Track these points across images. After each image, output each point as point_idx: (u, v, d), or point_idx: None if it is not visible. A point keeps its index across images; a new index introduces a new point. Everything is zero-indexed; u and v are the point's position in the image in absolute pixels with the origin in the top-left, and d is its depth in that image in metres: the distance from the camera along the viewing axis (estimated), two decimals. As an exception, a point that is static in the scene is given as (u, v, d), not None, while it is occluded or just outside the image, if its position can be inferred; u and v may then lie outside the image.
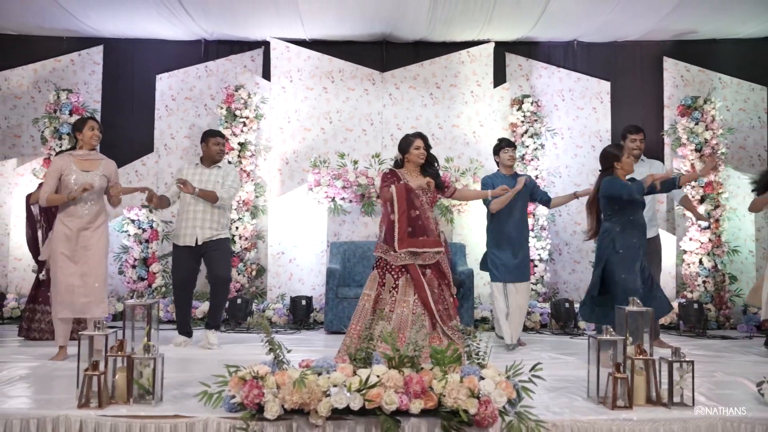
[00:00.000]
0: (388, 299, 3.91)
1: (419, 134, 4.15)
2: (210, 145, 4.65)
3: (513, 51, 6.53)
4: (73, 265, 3.91)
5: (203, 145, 4.70)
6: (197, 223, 4.52)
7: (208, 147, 4.66)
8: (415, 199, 3.96)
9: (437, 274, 3.98)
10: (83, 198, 3.91)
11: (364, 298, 3.95)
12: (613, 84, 6.47)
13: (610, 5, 5.59)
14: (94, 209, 3.97)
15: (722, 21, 5.94)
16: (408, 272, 3.92)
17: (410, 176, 4.07)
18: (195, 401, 2.82)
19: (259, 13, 5.80)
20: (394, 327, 3.78)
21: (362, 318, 3.86)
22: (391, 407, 2.52)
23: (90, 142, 4.01)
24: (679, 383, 2.90)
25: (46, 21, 6.04)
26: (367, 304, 3.91)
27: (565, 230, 6.40)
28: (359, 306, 3.95)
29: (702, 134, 5.97)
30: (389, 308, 3.89)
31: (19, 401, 2.95)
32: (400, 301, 3.89)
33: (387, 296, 3.92)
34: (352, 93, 6.39)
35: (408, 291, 3.92)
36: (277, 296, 6.04)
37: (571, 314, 5.55)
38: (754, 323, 5.58)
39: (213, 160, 4.66)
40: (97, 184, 3.95)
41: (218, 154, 4.66)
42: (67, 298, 3.89)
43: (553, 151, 6.42)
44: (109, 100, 6.46)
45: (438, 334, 3.87)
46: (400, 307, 3.86)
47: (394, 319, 3.84)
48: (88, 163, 3.99)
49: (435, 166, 4.17)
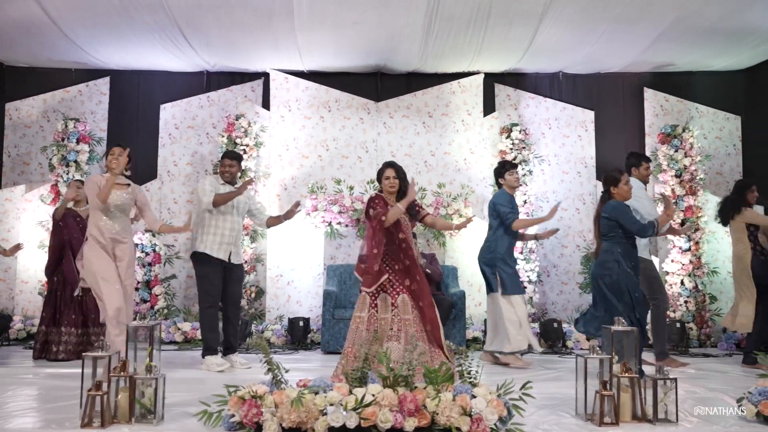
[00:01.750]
0: (390, 318, 4.01)
1: (390, 164, 4.23)
2: (225, 166, 4.74)
3: (502, 82, 6.85)
4: (116, 276, 4.22)
5: (219, 166, 4.83)
6: (232, 240, 4.67)
7: (223, 167, 4.75)
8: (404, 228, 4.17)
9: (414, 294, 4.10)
10: (115, 214, 4.29)
11: (356, 320, 4.05)
12: (597, 113, 6.78)
13: (593, 39, 5.91)
14: (125, 226, 4.37)
15: (698, 54, 6.28)
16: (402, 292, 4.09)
17: (391, 202, 4.18)
18: (195, 420, 2.90)
19: (260, 45, 6.09)
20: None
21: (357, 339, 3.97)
22: (386, 425, 2.56)
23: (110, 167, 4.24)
24: (663, 400, 3.03)
25: (55, 54, 6.32)
26: (361, 326, 4.01)
27: (552, 252, 6.64)
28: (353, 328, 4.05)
29: (681, 161, 6.26)
30: (397, 327, 3.99)
31: (24, 420, 3.04)
32: (404, 320, 4.00)
33: (388, 315, 4.02)
34: (348, 122, 6.66)
35: (406, 309, 4.03)
36: (275, 317, 6.22)
37: (559, 333, 5.76)
38: (733, 341, 5.81)
39: (232, 181, 4.77)
40: (128, 204, 4.36)
41: (231, 176, 4.75)
42: (121, 301, 4.15)
43: (541, 177, 6.70)
44: (115, 128, 6.72)
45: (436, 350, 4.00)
46: (404, 326, 3.99)
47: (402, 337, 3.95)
48: (118, 186, 4.31)
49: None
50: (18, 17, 5.44)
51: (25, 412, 3.23)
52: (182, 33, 5.76)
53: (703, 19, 5.44)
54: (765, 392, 3.07)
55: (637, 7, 5.26)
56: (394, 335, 3.95)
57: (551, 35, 5.80)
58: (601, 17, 5.45)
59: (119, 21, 5.51)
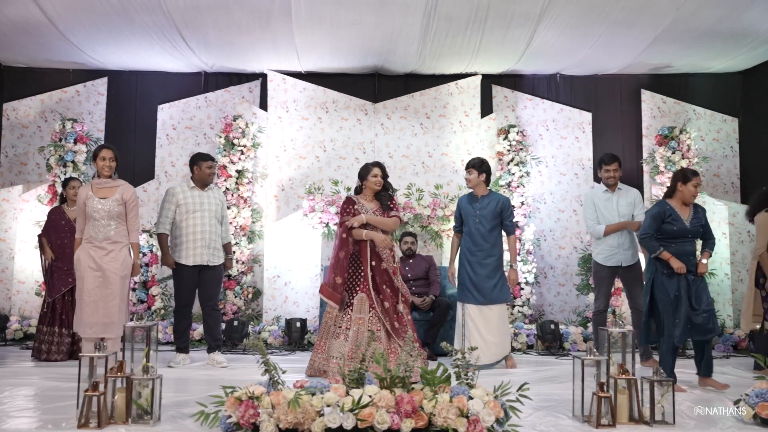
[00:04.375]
0: (345, 318, 4.34)
1: (377, 163, 4.57)
2: (203, 168, 4.81)
3: (499, 83, 6.85)
4: (96, 288, 4.09)
5: (195, 168, 4.84)
6: (204, 243, 4.74)
7: (201, 170, 4.82)
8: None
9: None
10: (101, 223, 4.15)
11: (357, 321, 4.27)
12: (594, 115, 6.79)
13: (590, 41, 5.92)
14: (111, 233, 4.17)
15: (695, 56, 6.29)
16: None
17: (365, 200, 4.54)
18: (192, 421, 2.92)
19: (257, 46, 6.09)
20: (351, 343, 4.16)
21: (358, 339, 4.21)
22: (383, 426, 2.57)
23: (102, 172, 4.24)
24: (660, 402, 3.04)
25: (53, 54, 6.31)
26: (362, 327, 4.25)
27: (550, 254, 6.65)
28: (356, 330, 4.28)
29: (679, 163, 6.27)
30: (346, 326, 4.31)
31: (21, 421, 3.04)
32: (356, 319, 4.26)
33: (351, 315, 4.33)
34: (346, 123, 6.67)
35: (363, 308, 4.30)
36: (272, 318, 6.22)
37: (556, 335, 5.76)
38: (730, 343, 5.82)
39: (205, 183, 4.86)
40: (114, 210, 4.18)
41: (210, 177, 4.85)
42: (92, 319, 4.06)
43: (538, 179, 6.71)
44: (113, 129, 6.72)
45: (394, 347, 4.22)
46: (356, 324, 4.25)
47: (351, 336, 4.20)
48: (104, 191, 4.22)
49: (389, 192, 4.59)
50: (16, 18, 5.44)
51: (22, 412, 3.24)
52: (180, 34, 5.76)
53: (700, 22, 5.45)
54: (762, 394, 3.08)
55: (634, 10, 5.27)
56: (342, 333, 4.26)
57: (549, 37, 5.81)
58: (598, 19, 5.46)
59: (117, 22, 5.50)
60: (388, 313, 4.32)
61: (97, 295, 4.07)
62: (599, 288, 4.97)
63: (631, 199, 4.94)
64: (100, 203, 4.16)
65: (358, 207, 4.48)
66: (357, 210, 4.46)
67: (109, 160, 4.22)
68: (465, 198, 4.95)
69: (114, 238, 4.17)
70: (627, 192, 5.00)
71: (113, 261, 4.13)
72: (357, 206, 4.48)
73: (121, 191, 4.24)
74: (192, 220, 4.73)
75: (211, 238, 4.75)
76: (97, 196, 4.19)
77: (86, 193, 4.20)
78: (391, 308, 4.33)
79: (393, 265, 4.47)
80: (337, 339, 4.27)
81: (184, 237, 4.73)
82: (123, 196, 4.23)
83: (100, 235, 4.15)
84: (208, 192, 4.86)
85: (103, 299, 4.07)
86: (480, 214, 4.76)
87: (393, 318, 4.33)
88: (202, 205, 4.75)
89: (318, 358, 4.39)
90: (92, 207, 4.15)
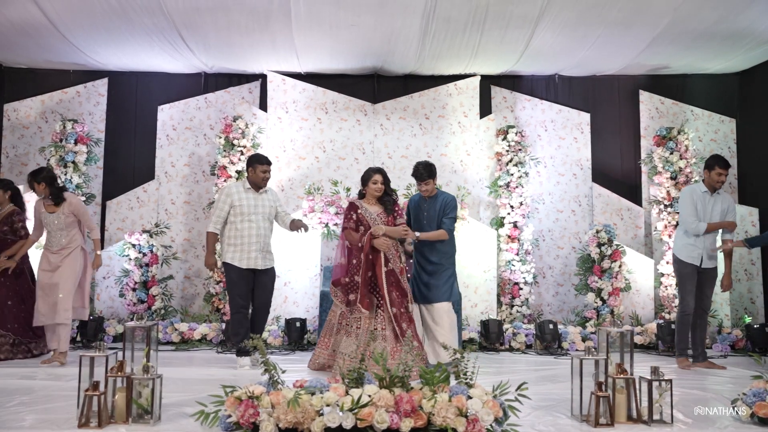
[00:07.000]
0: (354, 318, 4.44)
1: (378, 170, 4.60)
2: (258, 171, 4.74)
3: (498, 84, 6.88)
4: (47, 284, 4.78)
5: (250, 170, 4.77)
6: (258, 247, 4.68)
7: (255, 173, 4.74)
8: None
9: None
10: (56, 234, 4.83)
11: (366, 321, 4.40)
12: (593, 115, 6.82)
13: (589, 42, 5.95)
14: (63, 242, 4.84)
15: (693, 57, 6.32)
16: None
17: (368, 204, 4.60)
18: (192, 421, 2.91)
19: (257, 47, 6.11)
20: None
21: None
22: (382, 426, 2.57)
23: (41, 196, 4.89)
24: (658, 401, 3.05)
25: (54, 55, 6.34)
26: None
27: (548, 254, 6.68)
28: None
29: (677, 163, 6.30)
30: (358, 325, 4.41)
31: (20, 421, 3.03)
32: (365, 319, 4.38)
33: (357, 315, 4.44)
34: (345, 123, 6.69)
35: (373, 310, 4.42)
36: (272, 318, 6.23)
37: (555, 335, 5.79)
38: (728, 343, 5.85)
39: (259, 186, 4.79)
40: (63, 222, 4.84)
41: (263, 181, 4.78)
42: (41, 309, 4.77)
43: (537, 179, 6.73)
44: (113, 129, 6.75)
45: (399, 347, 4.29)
46: (365, 324, 4.38)
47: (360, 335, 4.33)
48: (52, 207, 4.86)
49: (392, 196, 4.63)
50: (17, 19, 5.46)
51: (22, 412, 3.24)
52: (180, 35, 5.78)
53: (698, 23, 5.48)
54: (759, 393, 3.09)
55: (632, 11, 5.30)
56: (353, 332, 4.37)
57: (547, 38, 5.84)
58: (596, 21, 5.48)
59: (117, 23, 5.53)
60: (397, 318, 4.36)
61: (45, 290, 4.77)
62: (684, 286, 4.92)
63: (726, 206, 4.94)
64: (49, 217, 4.83)
65: (361, 211, 4.52)
66: (361, 215, 4.51)
67: (41, 190, 4.84)
68: (416, 198, 4.96)
69: (66, 245, 4.84)
70: (724, 197, 4.97)
71: (65, 259, 4.81)
72: (360, 210, 4.52)
73: (66, 205, 4.85)
74: (248, 224, 4.66)
75: (265, 242, 4.73)
76: (48, 212, 4.84)
77: (39, 209, 4.89)
78: (398, 312, 4.37)
79: (400, 264, 4.51)
80: (349, 337, 4.37)
81: (239, 239, 4.65)
82: (69, 209, 4.84)
83: (55, 245, 4.85)
84: (263, 195, 4.79)
85: (50, 291, 4.75)
86: (428, 215, 4.77)
87: (401, 320, 4.37)
88: (257, 208, 4.70)
89: (322, 353, 4.52)
90: (45, 221, 4.86)
